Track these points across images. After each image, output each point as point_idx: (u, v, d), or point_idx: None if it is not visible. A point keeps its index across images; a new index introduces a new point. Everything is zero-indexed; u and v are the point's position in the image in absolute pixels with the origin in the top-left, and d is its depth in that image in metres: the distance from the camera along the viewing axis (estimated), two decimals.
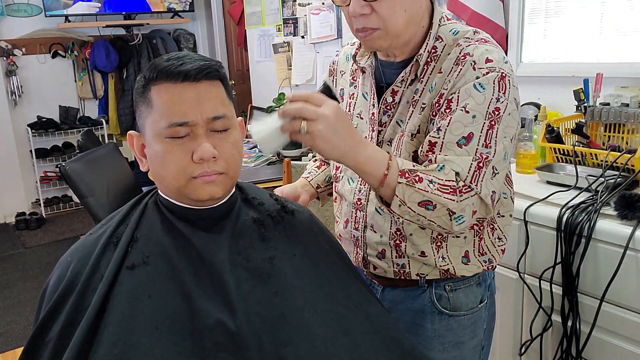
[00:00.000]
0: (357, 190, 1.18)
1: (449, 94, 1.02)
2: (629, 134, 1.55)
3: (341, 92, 1.23)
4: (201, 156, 0.87)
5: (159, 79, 0.88)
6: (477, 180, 0.98)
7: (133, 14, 4.65)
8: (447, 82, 1.03)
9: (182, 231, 0.92)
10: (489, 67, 1.00)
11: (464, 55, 1.02)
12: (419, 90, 1.07)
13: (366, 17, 1.01)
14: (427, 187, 0.96)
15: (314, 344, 0.87)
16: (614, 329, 1.29)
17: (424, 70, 1.07)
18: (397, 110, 1.10)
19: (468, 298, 1.17)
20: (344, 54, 1.26)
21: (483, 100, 0.99)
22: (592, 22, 1.90)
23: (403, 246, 1.13)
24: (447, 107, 1.02)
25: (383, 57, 1.13)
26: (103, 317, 0.84)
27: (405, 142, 1.07)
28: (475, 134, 0.99)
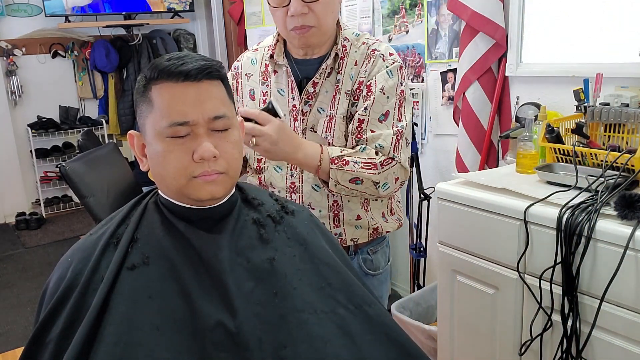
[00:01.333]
0: (289, 175, 1.35)
1: (367, 81, 1.29)
2: (629, 134, 1.55)
3: (251, 92, 1.39)
4: (202, 156, 0.87)
5: (160, 78, 0.88)
6: (398, 151, 1.28)
7: (133, 14, 4.65)
8: (364, 72, 1.30)
9: (182, 231, 0.92)
10: (393, 59, 1.31)
11: (372, 50, 1.31)
12: (341, 80, 1.30)
13: (305, 16, 1.20)
14: (353, 167, 1.23)
15: (313, 344, 0.87)
16: (614, 329, 1.29)
17: (340, 63, 1.30)
18: (318, 99, 1.32)
19: (383, 258, 1.46)
20: (247, 58, 1.42)
21: (393, 84, 1.29)
22: (592, 22, 1.90)
23: (341, 215, 1.35)
24: (368, 90, 1.29)
25: (299, 56, 1.33)
26: (103, 318, 0.84)
27: (338, 124, 1.30)
28: (390, 111, 1.28)
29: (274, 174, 1.37)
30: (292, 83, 1.32)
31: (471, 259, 1.62)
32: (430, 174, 2.65)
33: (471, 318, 1.66)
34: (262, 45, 1.41)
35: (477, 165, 2.25)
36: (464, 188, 1.64)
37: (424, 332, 2.03)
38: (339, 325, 0.91)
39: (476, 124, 2.22)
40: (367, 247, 1.42)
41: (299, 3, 1.18)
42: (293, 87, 1.32)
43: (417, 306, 2.27)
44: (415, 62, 2.62)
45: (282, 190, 1.36)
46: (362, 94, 1.29)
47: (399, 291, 2.98)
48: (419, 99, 2.63)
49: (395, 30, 2.69)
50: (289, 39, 1.29)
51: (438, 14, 2.45)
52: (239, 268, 0.91)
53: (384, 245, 1.47)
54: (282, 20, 1.23)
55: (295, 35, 1.24)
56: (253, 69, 1.40)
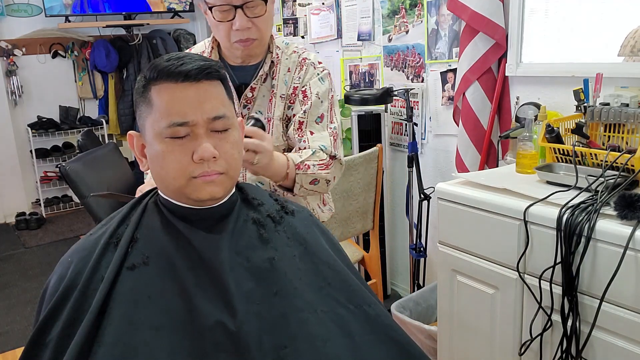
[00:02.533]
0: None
1: (302, 87, 1.40)
2: (628, 134, 1.55)
3: None
4: (201, 156, 0.87)
5: (160, 78, 0.88)
6: (337, 149, 1.40)
7: (133, 14, 4.64)
8: (297, 78, 1.41)
9: (182, 231, 0.92)
10: (322, 67, 1.44)
11: (304, 59, 1.42)
12: (275, 85, 1.39)
13: (249, 30, 1.28)
14: (313, 170, 1.33)
15: (313, 344, 0.87)
16: (614, 329, 1.29)
17: (274, 70, 1.39)
18: (255, 104, 1.40)
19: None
20: None
21: (326, 90, 1.41)
22: (592, 22, 1.90)
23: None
24: (304, 95, 1.40)
25: (236, 63, 1.39)
26: (103, 318, 0.84)
27: (276, 126, 1.40)
28: (325, 114, 1.40)
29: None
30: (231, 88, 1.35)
31: (471, 259, 1.62)
32: (430, 174, 2.65)
33: (471, 318, 1.66)
34: (194, 51, 1.42)
35: (477, 165, 2.25)
36: (464, 188, 1.64)
37: (424, 332, 2.03)
38: (339, 325, 0.91)
39: (476, 124, 2.22)
40: None
41: (244, 18, 1.26)
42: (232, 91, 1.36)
43: (417, 306, 2.27)
44: (415, 62, 2.62)
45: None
46: (299, 99, 1.40)
47: (399, 291, 2.98)
48: (419, 99, 2.63)
49: (395, 30, 2.69)
50: (230, 50, 1.34)
51: (438, 14, 2.45)
52: (239, 268, 0.91)
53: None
54: (226, 33, 1.29)
55: (238, 47, 1.31)
56: None
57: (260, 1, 1.27)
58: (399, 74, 2.73)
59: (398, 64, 2.73)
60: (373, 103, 2.56)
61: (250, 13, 1.26)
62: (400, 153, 2.83)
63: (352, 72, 3.05)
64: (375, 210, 2.46)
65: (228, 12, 1.25)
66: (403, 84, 2.69)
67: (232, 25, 1.27)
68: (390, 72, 2.79)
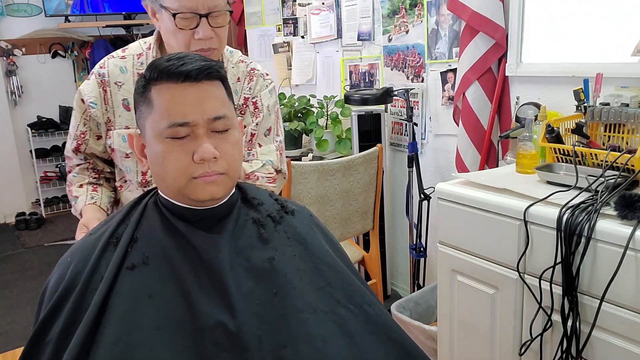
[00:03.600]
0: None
1: (253, 98, 1.41)
2: (629, 134, 1.55)
3: (125, 102, 1.35)
4: (202, 156, 0.87)
5: (160, 79, 0.88)
6: (282, 163, 1.43)
7: (133, 14, 4.64)
8: (248, 88, 1.41)
9: (182, 231, 0.92)
10: (269, 79, 1.45)
11: (252, 69, 1.42)
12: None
13: (211, 40, 1.25)
14: (261, 181, 1.35)
15: (313, 344, 0.87)
16: (614, 329, 1.29)
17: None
18: None
19: None
20: (114, 66, 1.36)
21: (274, 103, 1.44)
22: (592, 22, 1.90)
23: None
24: (255, 107, 1.41)
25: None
26: (103, 318, 0.84)
27: None
28: (272, 127, 1.43)
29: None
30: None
31: (471, 259, 1.62)
32: (430, 174, 2.65)
33: (471, 318, 1.66)
34: (129, 53, 1.37)
35: (477, 165, 2.25)
36: (464, 188, 1.64)
37: (424, 332, 2.03)
38: (339, 324, 0.91)
39: (476, 124, 2.22)
40: None
41: (208, 27, 1.23)
42: None
43: (417, 306, 2.27)
44: (415, 62, 2.62)
45: None
46: (249, 110, 1.40)
47: (399, 291, 2.98)
48: (419, 99, 2.63)
49: (395, 30, 2.69)
50: None
51: (438, 14, 2.45)
52: (239, 268, 0.91)
53: None
54: (186, 41, 1.25)
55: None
56: (124, 77, 1.35)
57: (224, 11, 1.25)
58: (399, 74, 2.73)
59: (398, 64, 2.73)
60: (373, 103, 2.56)
61: (214, 22, 1.24)
62: (400, 153, 2.83)
63: (352, 72, 3.05)
64: (375, 210, 2.46)
65: (191, 20, 1.22)
66: (403, 84, 2.69)
67: (195, 34, 1.23)
68: (390, 72, 2.79)
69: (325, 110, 3.02)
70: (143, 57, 1.36)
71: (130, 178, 1.38)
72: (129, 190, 1.40)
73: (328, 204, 2.25)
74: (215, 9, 1.22)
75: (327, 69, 3.25)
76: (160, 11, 1.24)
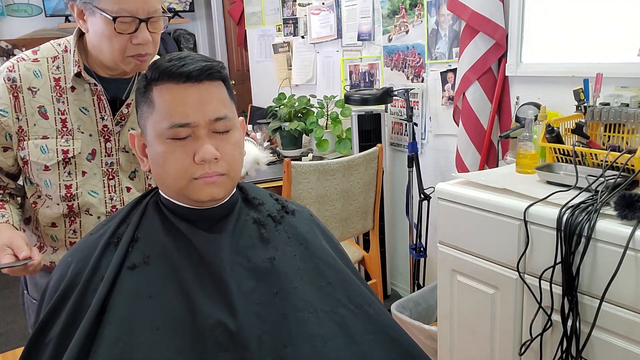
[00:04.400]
0: (109, 199, 1.31)
1: None
2: (629, 134, 1.55)
3: (41, 109, 1.24)
4: (203, 157, 0.87)
5: (161, 79, 0.88)
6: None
7: None
8: None
9: (182, 231, 0.92)
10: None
11: None
12: None
13: (148, 45, 1.20)
14: None
15: (314, 344, 0.87)
16: (614, 329, 1.30)
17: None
18: (129, 120, 1.30)
19: None
20: (26, 69, 1.24)
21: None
22: (592, 22, 1.90)
23: None
24: None
25: (107, 75, 1.28)
26: (103, 317, 0.84)
27: None
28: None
29: (91, 200, 1.28)
30: (102, 102, 1.27)
31: (471, 259, 1.62)
32: (430, 174, 2.65)
33: (471, 318, 1.67)
34: (41, 55, 1.26)
35: (477, 165, 2.25)
36: (464, 188, 1.64)
37: (424, 332, 2.03)
38: (340, 324, 0.91)
39: (476, 124, 2.23)
40: None
41: (147, 32, 1.19)
42: (103, 106, 1.27)
43: (417, 306, 2.27)
44: (415, 62, 2.62)
45: (102, 216, 1.30)
46: None
47: (399, 291, 2.99)
48: (419, 99, 2.63)
49: (395, 30, 2.69)
50: (118, 64, 1.21)
51: (438, 14, 2.45)
52: (239, 267, 0.91)
53: None
54: (122, 45, 1.18)
55: (132, 61, 1.21)
56: (38, 82, 1.24)
57: (162, 16, 1.21)
58: (399, 74, 2.73)
59: (398, 64, 2.73)
60: (373, 103, 2.56)
61: (152, 27, 1.19)
62: (400, 153, 2.83)
63: (352, 72, 3.05)
64: (375, 210, 2.46)
65: (130, 24, 1.16)
66: (403, 84, 2.69)
67: (133, 39, 1.17)
68: (390, 72, 2.79)
69: (326, 110, 3.02)
70: (59, 60, 1.26)
71: (50, 193, 1.27)
72: (48, 206, 1.29)
73: (328, 204, 2.25)
74: (155, 14, 1.18)
75: (327, 69, 3.25)
76: (93, 13, 1.17)
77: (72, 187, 1.27)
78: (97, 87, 1.26)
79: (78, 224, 1.30)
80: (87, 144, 1.27)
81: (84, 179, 1.27)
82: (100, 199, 1.30)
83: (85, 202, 1.29)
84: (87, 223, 1.30)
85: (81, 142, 1.26)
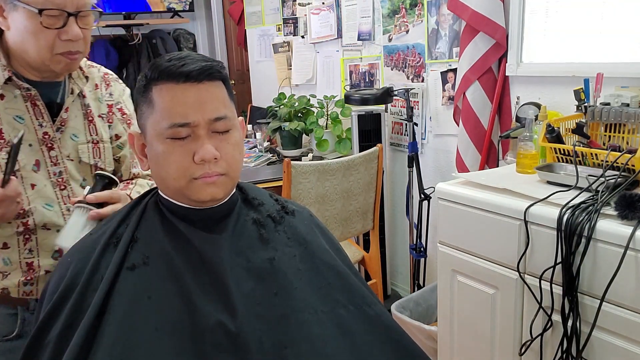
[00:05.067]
0: (66, 210, 1.19)
1: (117, 104, 1.31)
2: (629, 134, 1.55)
3: None
4: (203, 157, 0.87)
5: (161, 79, 0.88)
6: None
7: (133, 14, 4.64)
8: (108, 94, 1.30)
9: (182, 231, 0.92)
10: (122, 83, 1.36)
11: (105, 74, 1.31)
12: (89, 104, 1.25)
13: (79, 42, 1.12)
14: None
15: (314, 345, 0.87)
16: (614, 329, 1.29)
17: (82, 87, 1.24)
18: (69, 125, 1.21)
19: None
20: None
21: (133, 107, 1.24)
22: (592, 22, 1.90)
23: None
24: (122, 113, 1.31)
25: (35, 77, 1.17)
26: (103, 318, 0.84)
27: (107, 149, 1.27)
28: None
29: (47, 213, 1.17)
30: (37, 108, 1.16)
31: (471, 259, 1.62)
32: (430, 174, 2.65)
33: (471, 318, 1.66)
34: None
35: (477, 165, 2.25)
36: (464, 188, 1.64)
37: (424, 332, 2.03)
38: (339, 325, 0.91)
39: (476, 124, 2.22)
40: None
41: (77, 27, 1.10)
42: (40, 112, 1.16)
43: (417, 306, 2.27)
44: (416, 62, 2.62)
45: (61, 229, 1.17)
46: (117, 117, 1.31)
47: (399, 291, 2.98)
48: (419, 99, 2.63)
49: (396, 30, 2.69)
50: (51, 63, 1.12)
51: (438, 13, 2.45)
52: (239, 268, 0.91)
53: None
54: (49, 42, 1.08)
55: (61, 60, 1.12)
56: None
57: (93, 11, 1.12)
58: (399, 73, 2.73)
59: (398, 64, 2.73)
60: (373, 103, 2.56)
61: (82, 23, 1.10)
62: (400, 153, 2.83)
63: (352, 72, 3.05)
64: (375, 210, 2.46)
65: (58, 18, 1.07)
66: (403, 84, 2.68)
67: (61, 34, 1.08)
68: (390, 72, 2.78)
69: (326, 110, 3.02)
70: None
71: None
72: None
73: (328, 204, 2.25)
74: (84, 7, 1.10)
75: (327, 69, 3.25)
76: (15, 7, 1.06)
77: (23, 202, 1.15)
78: (31, 91, 1.15)
79: (34, 242, 1.17)
80: (28, 154, 1.15)
81: (35, 192, 1.16)
82: (57, 211, 1.18)
83: (41, 217, 1.17)
84: (46, 239, 1.18)
85: (22, 153, 1.13)
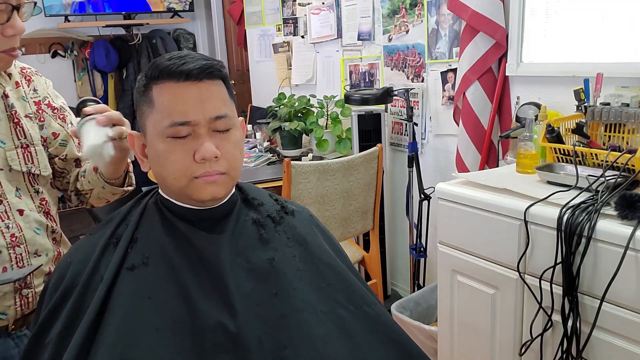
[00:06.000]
0: (5, 227, 1.08)
1: (44, 99, 1.22)
2: (629, 134, 1.55)
3: None
4: (203, 156, 0.87)
5: (161, 78, 0.88)
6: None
7: (133, 14, 4.64)
8: (31, 91, 1.20)
9: (182, 231, 0.92)
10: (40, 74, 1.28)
11: (22, 68, 1.21)
12: (13, 104, 1.13)
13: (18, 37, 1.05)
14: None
15: (313, 345, 0.87)
16: (614, 329, 1.29)
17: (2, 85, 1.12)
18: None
19: None
20: None
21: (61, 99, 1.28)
22: (592, 22, 1.90)
23: (61, 249, 1.21)
24: (52, 108, 1.23)
25: None
26: (103, 318, 0.84)
27: (40, 152, 1.16)
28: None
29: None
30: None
31: (471, 259, 1.62)
32: (430, 174, 2.65)
33: (471, 318, 1.66)
34: None
35: (477, 165, 2.25)
36: (464, 188, 1.64)
37: (424, 332, 2.03)
38: (339, 325, 0.91)
39: (476, 124, 2.22)
40: None
41: (20, 21, 1.02)
42: None
43: (417, 306, 2.27)
44: (415, 62, 2.62)
45: (3, 249, 1.07)
46: (48, 114, 1.21)
47: (399, 291, 2.98)
48: (419, 99, 2.63)
49: (395, 30, 2.69)
50: None
51: (438, 13, 2.45)
52: (239, 268, 0.91)
53: None
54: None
55: (3, 58, 1.07)
56: None
57: (30, 1, 1.05)
58: (399, 73, 2.73)
59: (398, 64, 2.73)
60: (373, 103, 2.56)
61: (22, 16, 1.03)
62: (400, 153, 2.83)
63: (352, 72, 3.05)
64: (375, 210, 2.46)
65: (2, 12, 0.99)
66: (403, 84, 2.68)
67: (5, 31, 1.01)
68: (390, 71, 2.78)
69: (325, 110, 3.02)
70: None
71: None
72: None
73: (328, 204, 2.24)
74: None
75: (327, 69, 3.25)
76: None
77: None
78: None
79: None
80: None
81: None
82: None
83: None
84: None
85: None
